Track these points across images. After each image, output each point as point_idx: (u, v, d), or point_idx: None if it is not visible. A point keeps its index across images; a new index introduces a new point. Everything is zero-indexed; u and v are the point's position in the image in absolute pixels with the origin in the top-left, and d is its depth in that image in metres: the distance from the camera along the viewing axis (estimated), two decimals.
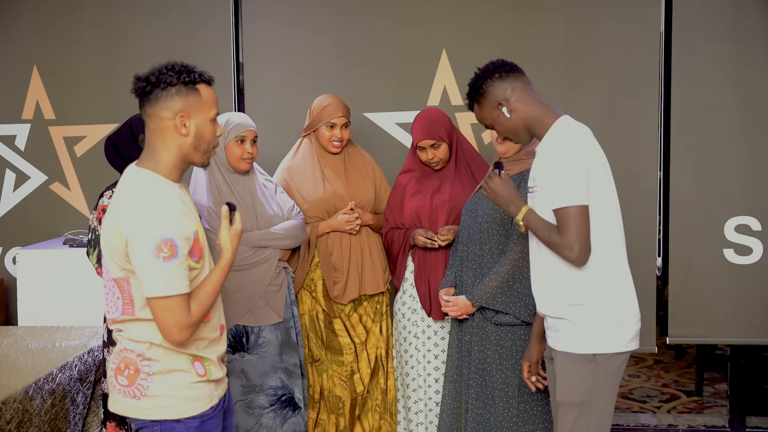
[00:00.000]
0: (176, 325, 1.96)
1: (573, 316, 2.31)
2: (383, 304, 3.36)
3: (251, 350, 3.04)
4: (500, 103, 2.37)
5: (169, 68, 2.02)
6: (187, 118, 2.02)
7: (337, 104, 3.30)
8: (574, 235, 2.22)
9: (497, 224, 2.82)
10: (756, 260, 3.66)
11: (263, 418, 3.06)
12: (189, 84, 2.02)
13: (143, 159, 2.06)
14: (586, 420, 2.32)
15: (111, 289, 2.06)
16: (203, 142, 2.06)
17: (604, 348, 2.30)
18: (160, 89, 2.01)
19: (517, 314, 2.75)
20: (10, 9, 3.99)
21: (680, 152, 3.68)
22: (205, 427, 2.07)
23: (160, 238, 1.91)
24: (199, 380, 2.06)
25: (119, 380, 2.06)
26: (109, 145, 2.81)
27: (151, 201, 1.96)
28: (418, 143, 3.16)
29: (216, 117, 2.08)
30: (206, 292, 2.03)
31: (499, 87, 2.37)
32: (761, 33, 3.60)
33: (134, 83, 2.05)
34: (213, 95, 2.07)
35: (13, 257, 3.97)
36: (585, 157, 2.26)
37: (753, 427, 3.99)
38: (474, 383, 2.85)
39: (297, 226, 3.15)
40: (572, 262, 2.26)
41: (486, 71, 2.40)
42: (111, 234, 1.98)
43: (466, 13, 3.75)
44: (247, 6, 3.87)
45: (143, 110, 2.05)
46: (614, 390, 2.35)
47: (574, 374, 2.32)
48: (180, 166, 2.06)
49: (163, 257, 1.91)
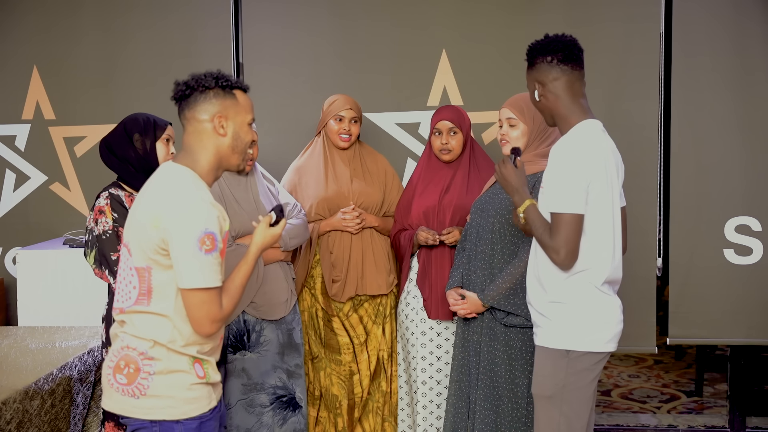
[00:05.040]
0: (208, 317, 2.00)
1: (551, 313, 2.37)
2: (387, 306, 3.36)
3: (252, 348, 3.04)
4: (538, 83, 2.40)
5: (207, 74, 2.10)
6: (225, 119, 2.09)
7: (346, 99, 3.34)
8: (563, 240, 2.26)
9: (509, 224, 2.81)
10: (756, 260, 3.66)
11: (264, 416, 3.06)
12: (226, 88, 2.09)
13: (181, 158, 2.11)
14: (556, 413, 2.37)
15: (128, 278, 2.07)
16: (240, 143, 2.12)
17: (577, 346, 2.34)
18: (198, 92, 2.08)
19: (528, 316, 2.74)
20: (10, 9, 3.99)
21: (680, 152, 3.68)
22: (203, 428, 2.07)
23: (203, 231, 1.96)
24: (198, 382, 2.07)
25: (117, 378, 2.06)
26: (104, 146, 2.81)
27: (194, 194, 2.01)
28: (437, 124, 3.19)
29: (252, 123, 2.16)
30: (236, 286, 2.08)
31: (545, 70, 2.39)
32: (761, 33, 3.60)
33: (174, 88, 2.11)
34: (249, 102, 2.15)
35: (13, 257, 3.97)
36: (589, 168, 2.28)
37: (753, 427, 3.99)
38: (483, 384, 2.84)
39: (300, 226, 3.15)
40: (557, 264, 2.31)
41: (546, 47, 2.40)
42: (147, 222, 2.01)
43: (466, 13, 3.75)
44: (247, 7, 3.87)
45: (182, 115, 2.11)
46: (589, 388, 2.38)
47: (547, 368, 2.39)
48: (215, 170, 2.12)
49: (205, 250, 1.96)
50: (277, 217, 2.22)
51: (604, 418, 4.30)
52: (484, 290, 2.83)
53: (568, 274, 2.33)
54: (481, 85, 3.71)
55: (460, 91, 3.75)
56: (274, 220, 2.21)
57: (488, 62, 3.68)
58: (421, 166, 3.32)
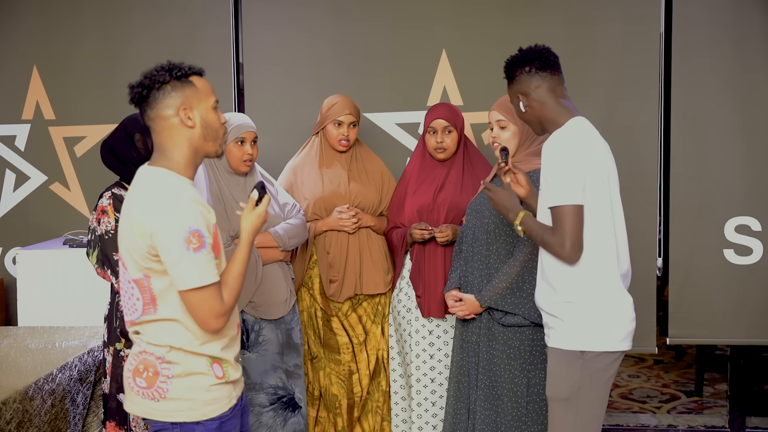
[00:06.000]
0: (212, 314, 1.99)
1: (564, 313, 2.36)
2: (385, 306, 3.36)
3: (251, 348, 3.04)
4: (521, 94, 2.42)
5: (159, 68, 2.05)
6: (189, 110, 2.04)
7: (345, 103, 3.32)
8: (567, 232, 2.26)
9: (504, 225, 2.82)
10: (756, 261, 3.66)
11: (263, 416, 3.06)
12: (182, 78, 2.04)
13: (155, 160, 2.07)
14: (572, 416, 2.35)
15: (129, 291, 2.06)
16: (211, 130, 2.08)
17: (591, 346, 2.33)
18: (155, 90, 2.03)
19: (526, 315, 2.74)
20: (10, 9, 3.99)
21: (680, 152, 3.68)
22: (224, 428, 2.08)
23: (187, 230, 1.94)
24: (218, 382, 2.07)
25: (137, 382, 2.07)
26: (105, 149, 2.78)
27: (173, 195, 1.98)
28: (431, 122, 3.19)
29: (216, 104, 2.10)
30: (233, 276, 2.07)
31: (526, 80, 2.42)
32: (761, 33, 3.60)
33: (130, 92, 2.07)
34: (208, 85, 2.10)
35: (13, 257, 3.98)
36: (583, 159, 2.29)
37: (753, 427, 3.99)
38: (482, 384, 2.84)
39: (299, 226, 3.15)
40: (564, 259, 2.30)
41: (522, 60, 2.43)
42: (132, 232, 1.99)
43: (466, 14, 3.75)
44: (247, 7, 3.87)
45: (145, 116, 2.07)
46: (604, 388, 2.37)
47: (562, 370, 2.37)
48: (193, 161, 2.08)
49: (193, 248, 1.94)
50: (260, 195, 2.17)
51: (605, 418, 4.29)
52: (482, 291, 2.83)
53: (577, 271, 2.32)
54: (481, 86, 3.72)
55: (460, 92, 3.75)
56: (257, 199, 2.17)
57: (488, 63, 3.67)
58: (414, 163, 3.32)
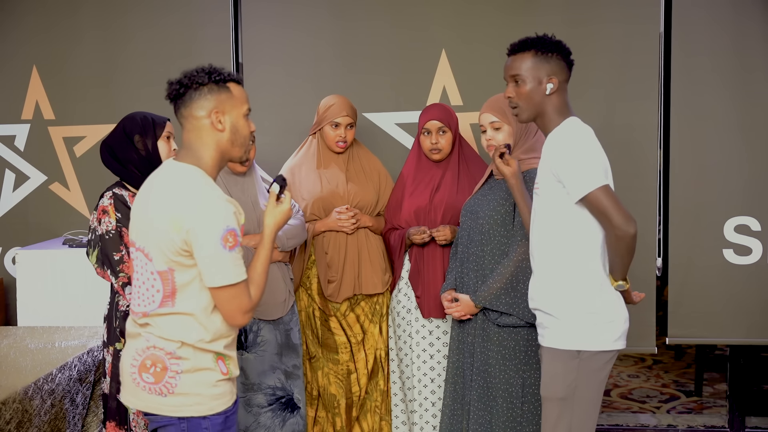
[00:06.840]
0: (240, 310, 2.05)
1: (559, 312, 2.36)
2: (383, 305, 3.36)
3: (250, 348, 3.04)
4: (551, 78, 2.36)
5: (199, 70, 2.10)
6: (221, 114, 2.09)
7: (342, 104, 3.32)
8: (615, 211, 2.23)
9: (498, 225, 2.82)
10: (756, 260, 3.66)
11: (261, 417, 3.06)
12: (220, 83, 2.09)
13: (183, 156, 2.11)
14: (568, 415, 2.35)
15: (150, 282, 2.08)
16: (239, 136, 2.13)
17: (588, 345, 2.33)
18: (192, 90, 2.08)
19: (521, 315, 2.75)
20: (10, 9, 3.99)
21: (680, 152, 3.68)
22: (228, 422, 2.13)
23: (225, 228, 1.99)
24: (222, 378, 2.11)
25: (144, 377, 2.08)
26: (105, 150, 2.77)
27: (211, 194, 2.03)
28: (426, 124, 3.19)
29: (248, 112, 2.16)
30: (258, 273, 2.12)
31: (558, 65, 2.37)
32: (761, 33, 3.60)
33: (168, 87, 2.11)
34: (243, 93, 2.15)
35: (13, 257, 3.97)
36: (598, 148, 2.31)
37: (752, 427, 3.99)
38: (477, 384, 2.84)
39: (298, 226, 3.15)
40: (630, 236, 2.25)
41: (560, 46, 2.39)
42: (166, 226, 2.01)
43: (465, 14, 3.75)
44: (247, 7, 3.87)
45: (179, 113, 2.12)
46: (599, 388, 2.38)
47: (558, 370, 2.37)
48: (219, 164, 2.13)
49: (228, 247, 1.99)
50: (281, 188, 2.21)
51: (604, 418, 4.30)
52: (476, 291, 2.84)
53: (571, 270, 2.33)
54: (480, 86, 3.71)
55: (460, 92, 3.75)
56: (278, 192, 2.20)
57: (488, 63, 3.67)
58: (411, 165, 3.32)
